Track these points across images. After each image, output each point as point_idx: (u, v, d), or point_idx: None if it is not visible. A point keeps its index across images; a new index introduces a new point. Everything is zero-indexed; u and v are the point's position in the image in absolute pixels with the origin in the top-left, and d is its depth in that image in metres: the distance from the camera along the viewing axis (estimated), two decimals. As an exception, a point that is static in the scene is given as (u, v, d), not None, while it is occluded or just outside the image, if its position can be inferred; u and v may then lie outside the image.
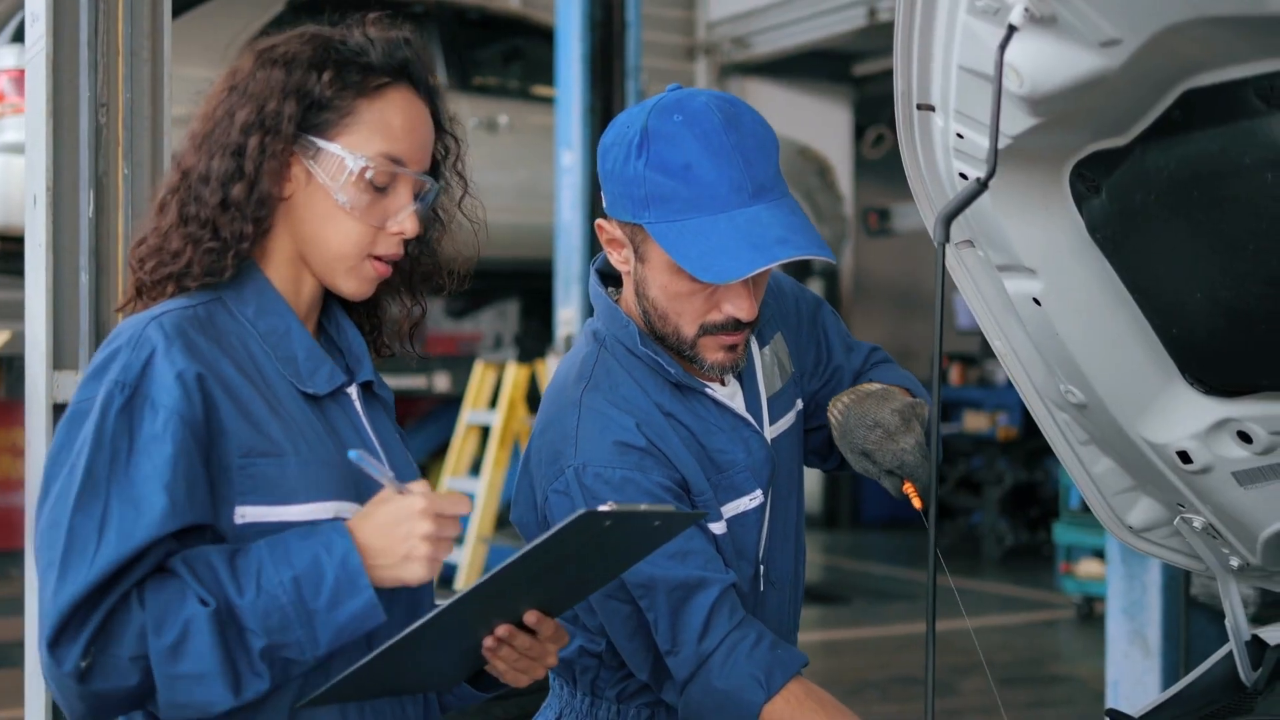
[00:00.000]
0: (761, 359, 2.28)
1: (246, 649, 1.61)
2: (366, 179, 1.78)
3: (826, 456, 2.44)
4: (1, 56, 6.41)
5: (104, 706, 1.62)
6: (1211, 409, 2.16)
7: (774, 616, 2.26)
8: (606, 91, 7.17)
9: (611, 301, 2.23)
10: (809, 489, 11.53)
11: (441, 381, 8.63)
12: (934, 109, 2.07)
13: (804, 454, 2.39)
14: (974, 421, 11.27)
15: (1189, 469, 2.23)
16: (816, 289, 11.83)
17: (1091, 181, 2.02)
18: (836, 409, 2.25)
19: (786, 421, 2.30)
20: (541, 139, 8.07)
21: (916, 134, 2.14)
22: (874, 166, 13.27)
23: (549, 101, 7.92)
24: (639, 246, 2.11)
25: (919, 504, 2.19)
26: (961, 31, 1.91)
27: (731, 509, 2.17)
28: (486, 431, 8.30)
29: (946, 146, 2.10)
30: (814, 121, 12.32)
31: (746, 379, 2.25)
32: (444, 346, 10.06)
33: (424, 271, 1.95)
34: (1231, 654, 2.49)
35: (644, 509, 1.55)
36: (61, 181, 2.74)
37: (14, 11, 6.57)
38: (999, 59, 1.77)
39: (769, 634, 2.10)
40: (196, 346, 1.70)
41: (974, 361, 11.94)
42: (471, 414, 8.30)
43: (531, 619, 1.67)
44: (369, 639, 1.71)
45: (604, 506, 1.51)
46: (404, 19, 1.88)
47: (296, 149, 1.78)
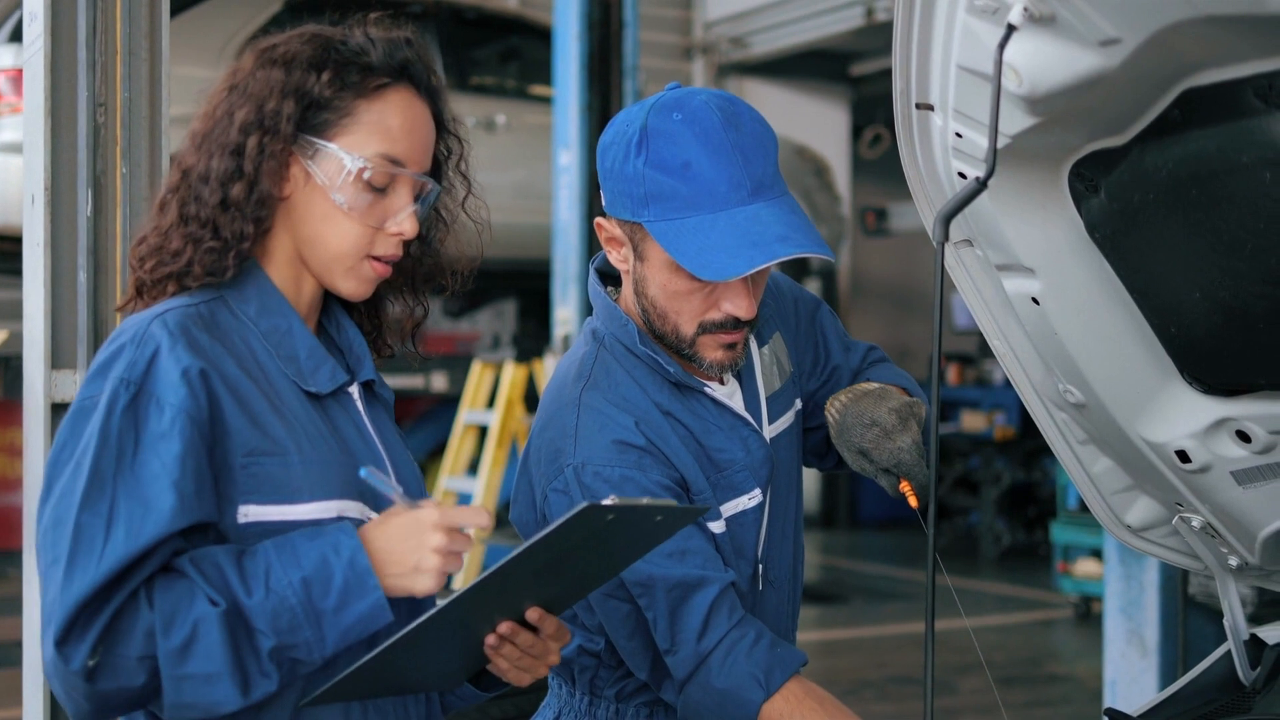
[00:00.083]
0: (760, 358, 2.28)
1: (255, 650, 1.60)
2: (365, 179, 1.77)
3: (824, 456, 2.44)
4: (-1, 56, 6.41)
5: (109, 706, 1.61)
6: (1210, 408, 2.16)
7: (772, 616, 2.26)
8: (604, 91, 7.16)
9: (611, 300, 2.22)
10: (806, 489, 11.55)
11: (439, 381, 8.62)
12: (933, 108, 2.07)
13: (803, 453, 2.39)
14: (971, 421, 11.27)
15: (1187, 468, 2.23)
16: (813, 289, 11.83)
17: (1090, 181, 2.02)
18: (834, 408, 2.25)
19: (785, 421, 2.30)
20: (539, 139, 8.07)
21: (915, 133, 2.14)
22: (871, 166, 13.27)
23: (546, 101, 7.92)
24: (638, 245, 2.11)
25: (915, 503, 2.20)
26: (960, 31, 1.91)
27: (730, 508, 2.17)
28: (484, 431, 8.30)
29: (945, 146, 2.09)
30: (811, 121, 12.33)
31: (745, 378, 2.25)
32: (441, 346, 10.05)
33: (426, 272, 1.95)
34: (1230, 653, 2.48)
35: (645, 503, 1.56)
36: (59, 181, 2.74)
37: (11, 11, 6.56)
38: (998, 58, 1.77)
39: (768, 633, 2.10)
40: (200, 344, 1.69)
41: (971, 361, 11.94)
42: (469, 414, 8.29)
43: (534, 616, 1.67)
44: (372, 639, 1.71)
45: (606, 500, 1.52)
46: (402, 19, 1.88)
47: (295, 149, 1.77)
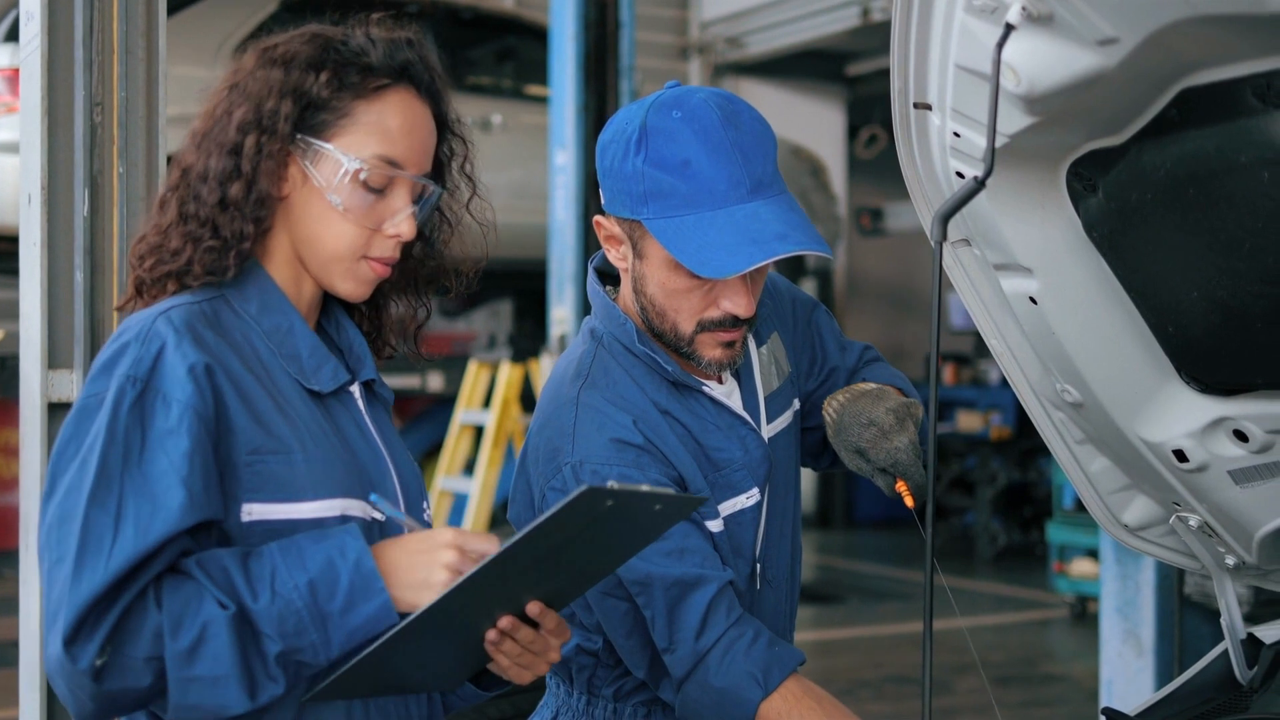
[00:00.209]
0: (759, 358, 2.28)
1: (262, 654, 1.60)
2: (361, 180, 1.76)
3: (819, 455, 2.45)
4: (-4, 55, 6.40)
5: (114, 706, 1.60)
6: (1207, 407, 2.16)
7: (770, 615, 2.26)
8: (600, 91, 7.17)
9: (609, 299, 2.22)
10: (802, 489, 11.51)
11: (435, 381, 8.62)
12: (931, 108, 2.07)
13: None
14: (967, 421, 11.26)
15: (1185, 467, 2.23)
16: (809, 289, 11.83)
17: (1088, 180, 2.02)
18: (831, 407, 2.26)
19: (784, 421, 2.30)
20: (535, 138, 8.07)
21: (913, 133, 2.14)
22: (867, 167, 13.27)
23: (543, 101, 7.92)
24: (637, 243, 2.11)
25: (911, 503, 2.20)
26: (959, 30, 1.91)
27: (728, 507, 2.17)
28: (480, 431, 8.29)
29: (943, 145, 2.09)
30: (807, 121, 12.33)
31: (744, 378, 2.25)
32: (437, 346, 10.05)
33: (428, 273, 1.95)
34: (1226, 652, 2.48)
35: (645, 489, 1.56)
36: (56, 180, 2.74)
37: (8, 10, 6.55)
38: (996, 57, 1.77)
39: (766, 631, 2.10)
40: (205, 341, 1.68)
41: (967, 361, 11.93)
42: (465, 413, 8.29)
43: (534, 610, 1.67)
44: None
45: (607, 484, 1.52)
46: (399, 19, 1.87)
47: (293, 149, 1.77)
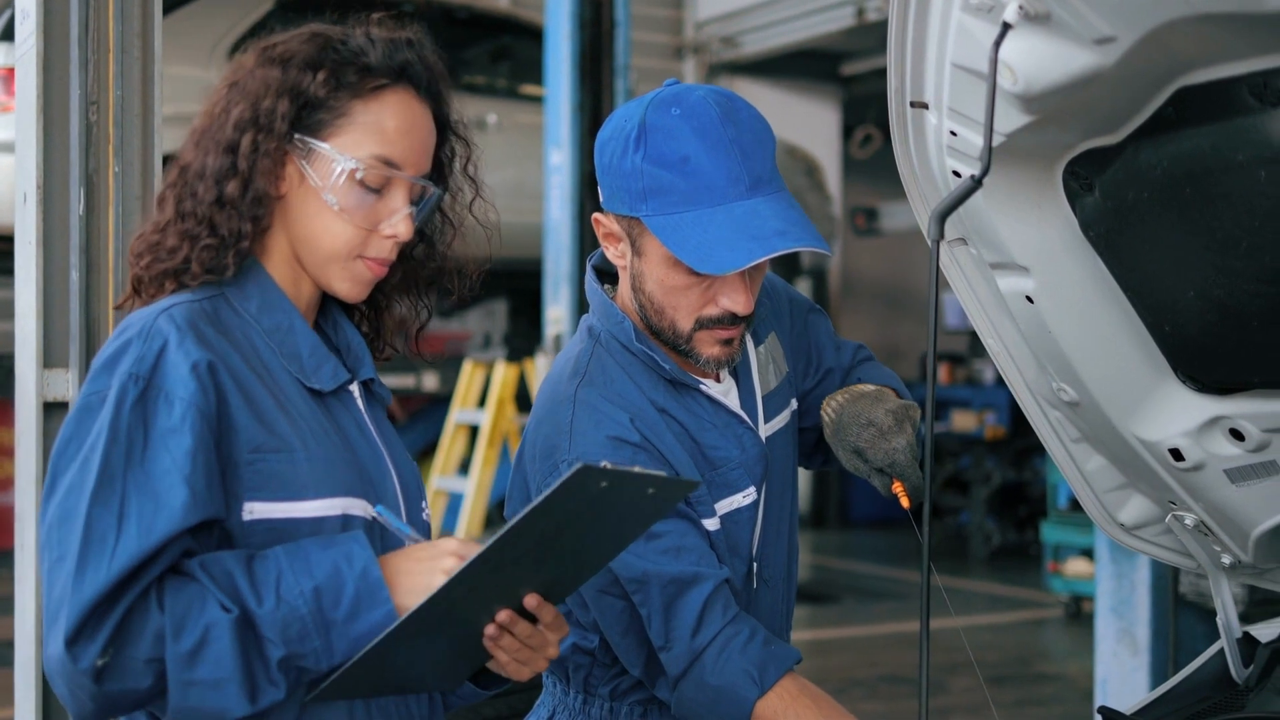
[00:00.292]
0: (757, 357, 2.28)
1: (264, 659, 1.59)
2: (357, 180, 1.76)
3: (811, 455, 2.45)
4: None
5: (113, 707, 1.60)
6: (1204, 406, 2.16)
7: (767, 614, 2.26)
8: (595, 90, 7.17)
9: (607, 298, 2.22)
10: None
11: (430, 380, 8.62)
12: (927, 106, 2.07)
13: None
14: (962, 421, 11.27)
15: (1181, 466, 2.23)
16: (804, 289, 11.84)
17: (1085, 179, 2.02)
18: (830, 407, 2.26)
19: (781, 420, 2.30)
20: (530, 138, 8.07)
21: (910, 132, 2.14)
22: (862, 166, 13.28)
23: (538, 100, 7.92)
24: (636, 240, 2.11)
25: (907, 503, 2.20)
26: (955, 29, 1.91)
27: (725, 506, 2.17)
28: (475, 431, 8.30)
29: (940, 144, 2.09)
30: (802, 121, 12.32)
31: (742, 377, 2.25)
32: (432, 345, 10.04)
33: (429, 275, 1.94)
34: (1222, 651, 2.49)
35: (639, 471, 1.56)
36: (52, 179, 2.73)
37: (3, 9, 6.55)
38: (993, 56, 1.77)
39: (762, 630, 2.10)
40: (207, 338, 1.68)
41: (962, 361, 11.94)
42: (460, 413, 8.30)
43: (532, 603, 1.67)
44: None
45: (601, 464, 1.52)
46: (395, 18, 1.87)
47: (290, 148, 1.76)
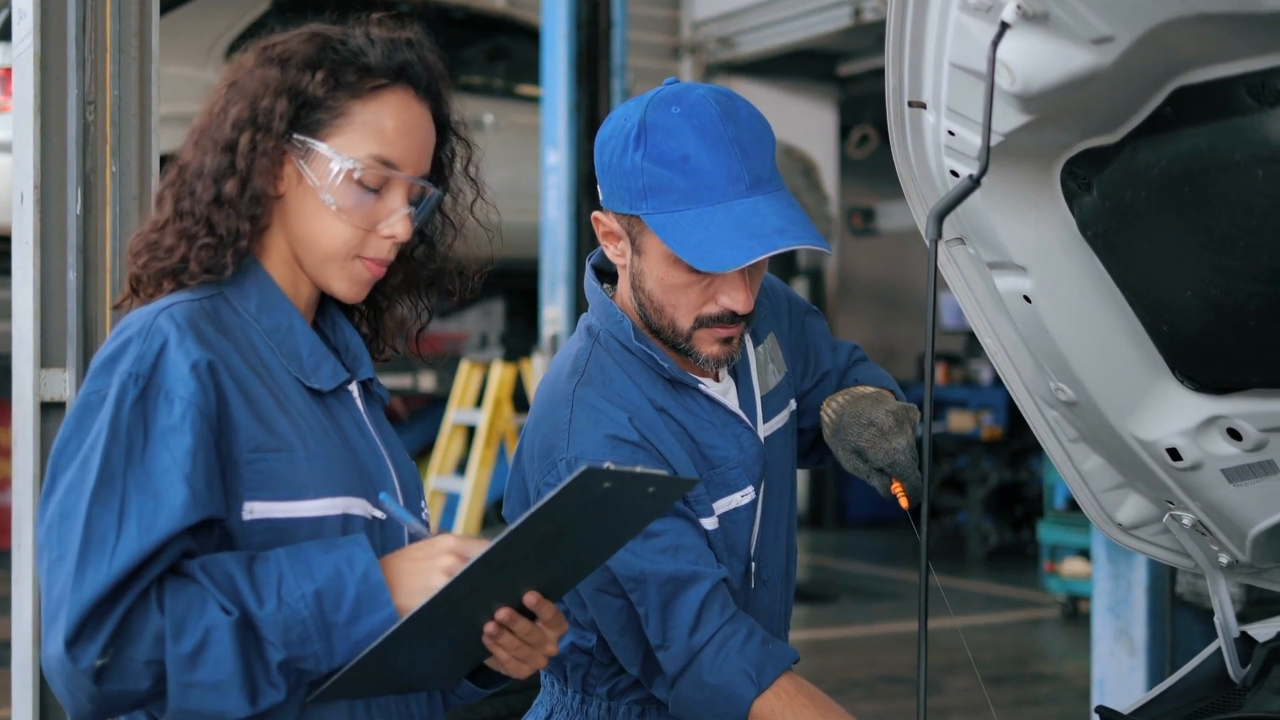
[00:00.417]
0: (756, 357, 2.28)
1: (265, 661, 1.59)
2: (355, 180, 1.76)
3: (806, 455, 2.46)
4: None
5: (112, 708, 1.59)
6: (1201, 406, 2.16)
7: (765, 614, 2.26)
8: (592, 90, 7.17)
9: (606, 297, 2.22)
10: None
11: (427, 381, 8.62)
12: (925, 106, 2.07)
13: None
14: (959, 421, 11.28)
15: (1178, 466, 2.24)
16: (800, 289, 11.84)
17: (1082, 179, 2.02)
18: (830, 408, 2.27)
19: (780, 420, 2.30)
20: (527, 138, 8.07)
21: (908, 131, 2.14)
22: (859, 166, 13.28)
23: (534, 100, 7.92)
24: (636, 238, 2.11)
25: (906, 504, 2.21)
26: (954, 28, 1.91)
27: (723, 505, 2.17)
28: (472, 431, 8.29)
29: (938, 144, 2.09)
30: (799, 121, 12.32)
31: (741, 376, 2.26)
32: (429, 346, 10.03)
33: (429, 276, 1.94)
34: (1219, 651, 2.49)
35: (640, 471, 1.58)
36: (49, 179, 2.72)
37: (0, 8, 6.53)
38: (991, 56, 1.77)
39: (760, 629, 2.10)
40: (207, 337, 1.68)
41: (958, 361, 11.95)
42: (457, 413, 8.29)
43: (531, 600, 1.67)
44: None
45: (604, 465, 1.53)
46: (394, 19, 1.87)
47: (288, 148, 1.76)
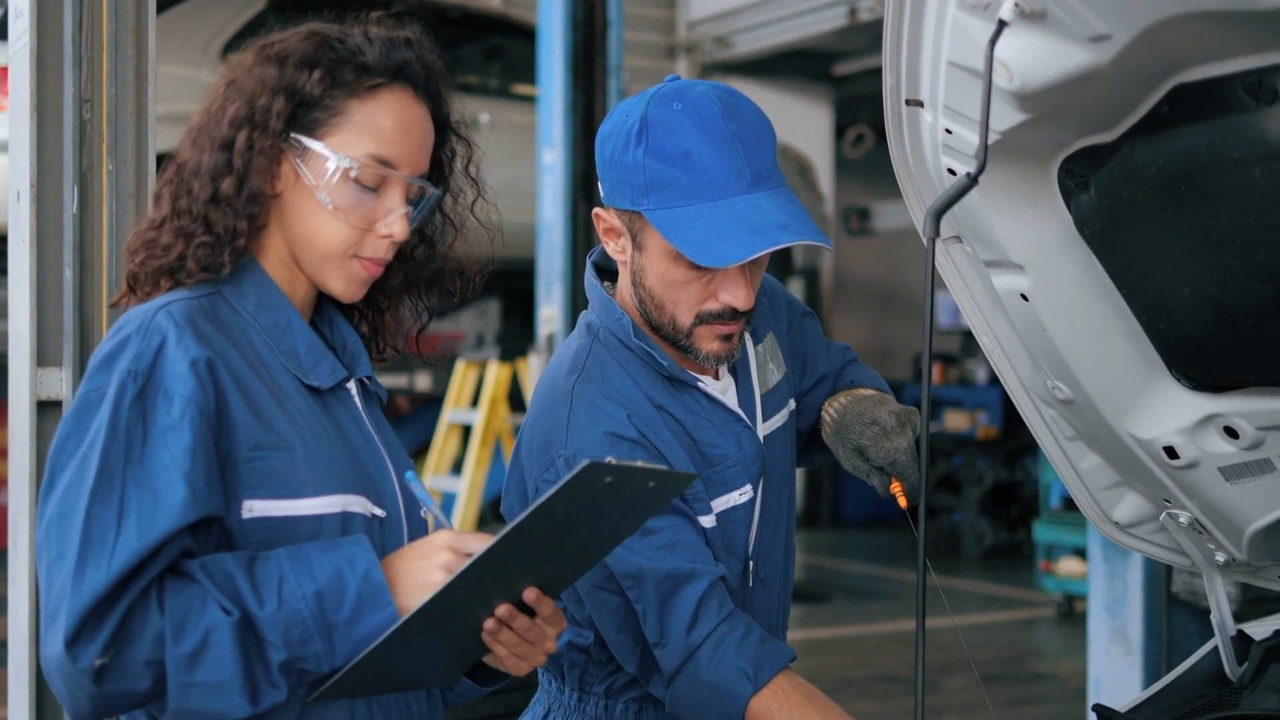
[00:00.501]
0: (755, 356, 2.28)
1: (265, 661, 1.59)
2: (352, 179, 1.75)
3: (800, 455, 2.46)
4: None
5: (111, 707, 1.59)
6: (1198, 404, 2.16)
7: (762, 613, 2.26)
8: (588, 90, 7.17)
9: (606, 294, 2.22)
10: (790, 488, 11.47)
11: (423, 380, 8.61)
12: (923, 104, 2.07)
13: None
14: (954, 420, 11.29)
15: (1175, 464, 2.24)
16: (796, 289, 11.84)
17: (1080, 177, 2.02)
18: (832, 408, 2.28)
19: (780, 419, 2.30)
20: (523, 138, 8.06)
21: (905, 130, 2.14)
22: (855, 166, 13.28)
23: (530, 100, 7.91)
24: (637, 235, 2.11)
25: (904, 503, 2.21)
26: (951, 27, 1.91)
27: (721, 503, 2.17)
28: (468, 430, 8.28)
29: (935, 142, 2.10)
30: (795, 121, 12.31)
31: (741, 375, 2.26)
32: (427, 346, 10.03)
33: (429, 276, 1.94)
34: (1216, 649, 2.49)
35: (641, 466, 1.58)
36: (45, 177, 2.72)
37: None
38: (989, 54, 1.76)
39: (757, 628, 2.10)
40: (205, 336, 1.68)
41: (954, 360, 11.96)
42: (453, 413, 8.29)
43: (531, 596, 1.67)
44: None
45: (605, 460, 1.54)
46: (392, 18, 1.86)
47: (285, 146, 1.76)
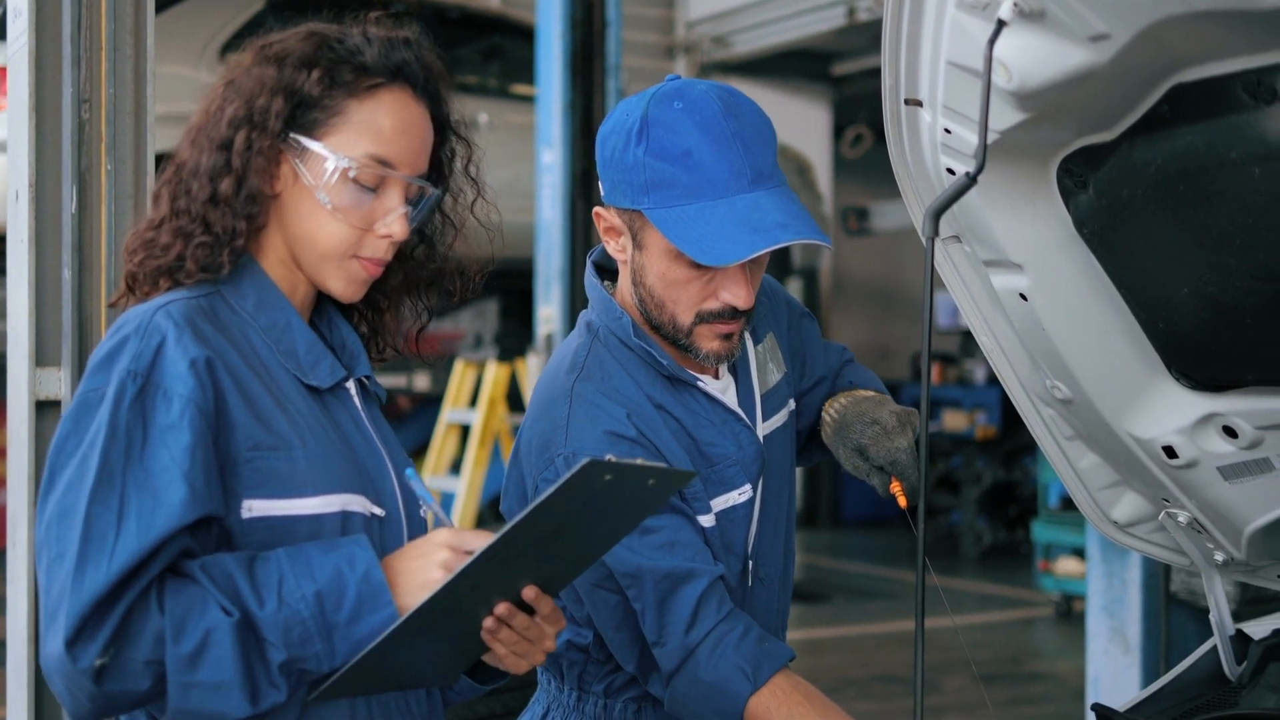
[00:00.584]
0: (755, 355, 2.28)
1: (265, 662, 1.59)
2: (351, 179, 1.75)
3: (798, 455, 2.46)
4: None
5: (111, 708, 1.59)
6: (1197, 404, 2.16)
7: (762, 613, 2.26)
8: (587, 90, 7.16)
9: (606, 293, 2.22)
10: (788, 488, 11.45)
11: (421, 380, 8.61)
12: (922, 104, 2.07)
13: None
14: (953, 420, 11.29)
15: (1174, 464, 2.24)
16: (794, 289, 11.84)
17: (1079, 176, 2.02)
18: (833, 408, 2.29)
19: (779, 419, 2.30)
20: (521, 137, 8.06)
21: (904, 129, 2.14)
22: (853, 166, 13.28)
23: (529, 100, 7.91)
24: (637, 234, 2.11)
25: (904, 503, 2.21)
26: (950, 26, 1.91)
27: (721, 503, 2.17)
28: (466, 430, 8.28)
29: (934, 142, 2.10)
30: (793, 121, 12.31)
31: (740, 374, 2.26)
32: (426, 346, 10.03)
33: (429, 276, 1.94)
34: (1215, 648, 2.49)
35: (640, 464, 1.58)
36: (44, 177, 2.72)
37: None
38: (988, 54, 1.77)
39: (756, 627, 2.10)
40: (205, 336, 1.67)
41: (953, 360, 11.96)
42: (451, 413, 8.28)
43: (530, 594, 1.67)
44: None
45: (605, 458, 1.54)
46: (391, 18, 1.86)
47: (284, 147, 1.76)
